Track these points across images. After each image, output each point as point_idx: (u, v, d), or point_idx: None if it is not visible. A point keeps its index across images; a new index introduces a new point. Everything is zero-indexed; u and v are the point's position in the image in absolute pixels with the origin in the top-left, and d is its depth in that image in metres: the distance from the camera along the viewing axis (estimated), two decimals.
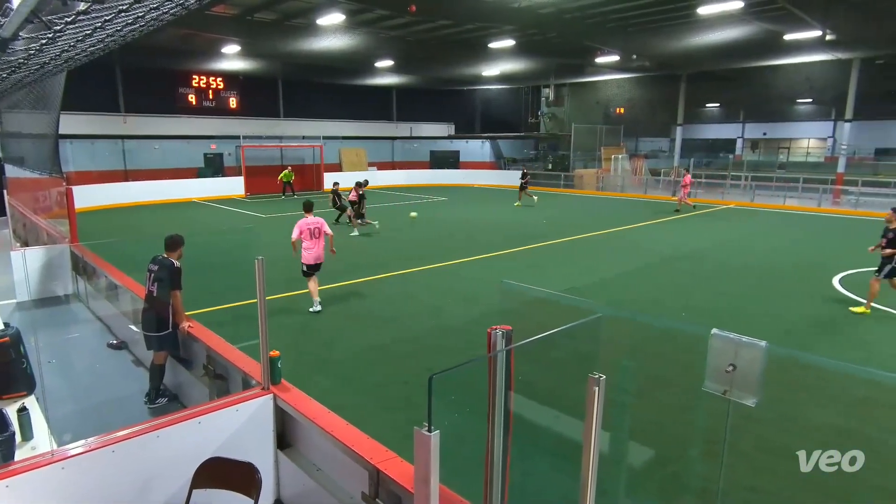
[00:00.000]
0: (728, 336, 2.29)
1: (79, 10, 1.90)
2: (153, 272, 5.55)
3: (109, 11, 1.99)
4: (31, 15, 2.01)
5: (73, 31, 2.33)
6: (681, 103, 30.24)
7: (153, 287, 5.53)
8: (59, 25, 2.12)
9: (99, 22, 2.18)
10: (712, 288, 10.35)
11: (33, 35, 2.44)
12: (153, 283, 5.53)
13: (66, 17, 2.04)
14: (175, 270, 5.51)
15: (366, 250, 13.80)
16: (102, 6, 1.85)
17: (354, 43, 22.30)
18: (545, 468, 4.46)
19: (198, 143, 27.02)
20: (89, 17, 2.03)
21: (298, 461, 3.78)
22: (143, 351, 6.11)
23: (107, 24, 2.25)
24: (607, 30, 22.02)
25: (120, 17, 2.10)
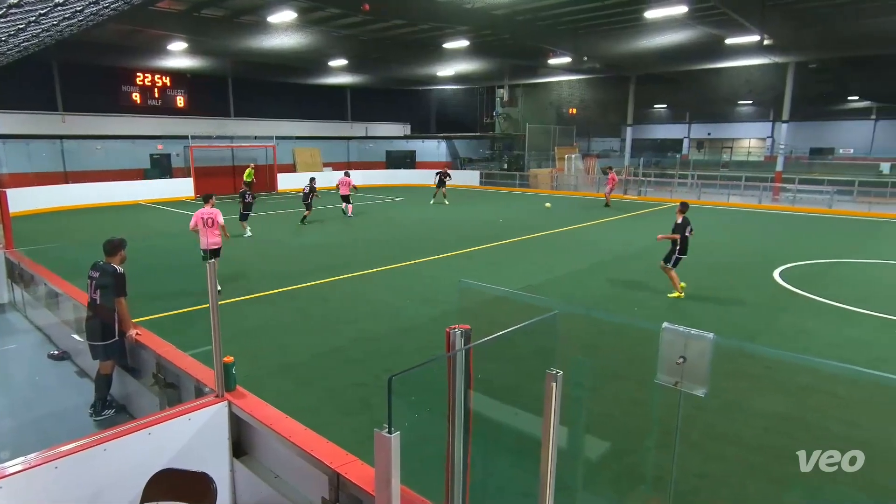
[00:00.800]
0: (678, 329, 2.37)
1: (10, 3, 1.79)
2: (94, 279, 5.31)
3: (45, 5, 1.89)
4: None
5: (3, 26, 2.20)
6: (630, 104, 31.11)
7: (96, 294, 5.28)
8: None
9: (33, 16, 2.07)
10: (662, 283, 10.70)
11: None
12: (95, 291, 5.28)
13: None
14: (118, 276, 5.26)
15: (323, 252, 13.61)
16: None
17: (307, 41, 21.96)
18: (505, 465, 4.51)
19: (144, 143, 26.00)
20: (22, 10, 1.92)
21: (255, 469, 3.69)
22: (87, 361, 5.84)
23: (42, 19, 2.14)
24: (559, 32, 22.46)
25: (56, 12, 2.00)
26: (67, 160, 23.83)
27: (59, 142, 23.63)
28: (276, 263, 12.33)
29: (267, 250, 13.88)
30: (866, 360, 6.92)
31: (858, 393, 6.02)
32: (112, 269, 5.29)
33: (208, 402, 3.75)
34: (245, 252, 13.58)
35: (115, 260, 5.35)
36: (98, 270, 5.31)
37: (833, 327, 8.08)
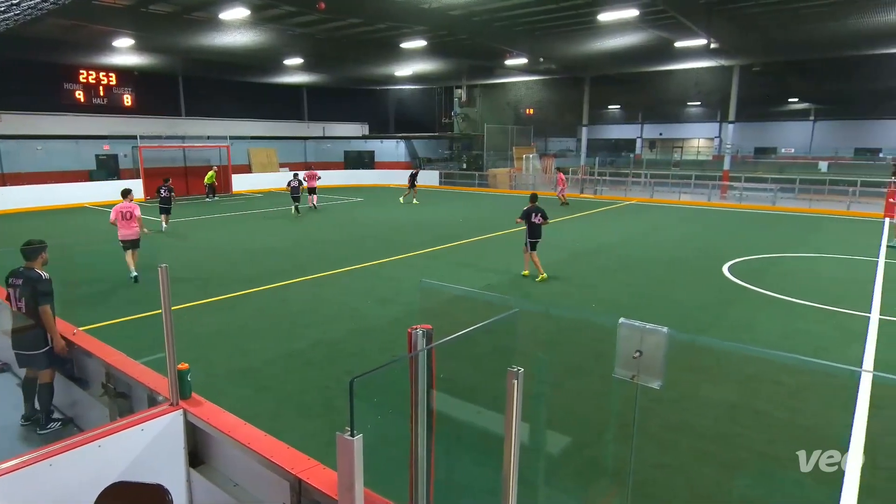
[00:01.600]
0: (634, 324, 2.43)
1: None
2: (17, 287, 4.93)
3: None
4: None
5: None
6: (585, 105, 31.77)
7: (20, 304, 4.93)
8: None
9: None
10: (617, 280, 10.97)
11: None
12: (20, 300, 4.92)
13: None
14: (43, 282, 4.92)
15: (282, 254, 13.35)
16: None
17: (261, 39, 21.50)
18: (469, 463, 4.53)
19: (89, 143, 24.92)
20: None
21: (213, 478, 3.59)
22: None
23: None
24: (515, 33, 22.72)
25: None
26: (5, 161, 22.61)
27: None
28: (234, 266, 12.03)
29: (223, 253, 13.53)
30: (810, 348, 7.28)
31: (803, 380, 6.33)
32: (36, 274, 4.95)
33: (162, 410, 3.63)
34: (201, 255, 13.20)
35: (37, 264, 5.03)
36: (20, 277, 4.95)
37: (779, 319, 8.46)
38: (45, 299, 4.90)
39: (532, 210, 10.89)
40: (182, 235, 15.95)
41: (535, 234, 10.87)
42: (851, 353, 7.10)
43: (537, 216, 10.85)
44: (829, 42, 22.17)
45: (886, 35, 20.52)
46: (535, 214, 10.85)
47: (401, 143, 35.95)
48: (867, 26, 19.49)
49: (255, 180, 29.78)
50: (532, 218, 10.84)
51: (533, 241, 10.88)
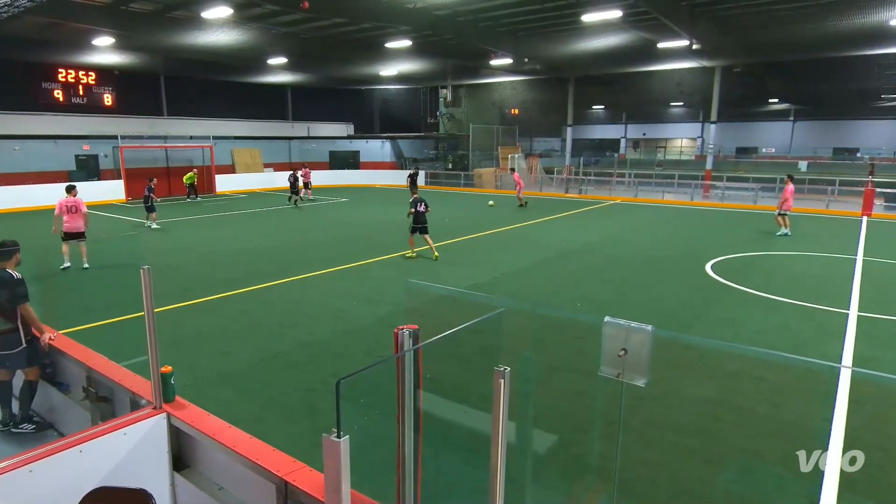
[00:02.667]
0: (619, 322, 2.45)
1: None
2: None
3: None
4: None
5: None
6: (570, 105, 31.97)
7: None
8: None
9: None
10: (602, 278, 11.06)
11: None
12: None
13: None
14: (17, 282, 4.91)
15: (265, 255, 13.25)
16: None
17: (244, 38, 21.32)
18: (456, 463, 4.54)
19: (68, 143, 24.50)
20: None
21: (198, 482, 3.55)
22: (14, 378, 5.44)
23: None
24: (499, 33, 22.79)
25: None
26: None
27: None
28: (216, 268, 11.91)
29: (206, 254, 13.39)
30: (791, 345, 7.40)
31: (784, 376, 6.43)
32: (9, 275, 4.91)
33: (145, 414, 3.58)
34: (184, 256, 13.05)
35: (11, 265, 5.00)
36: None
37: (760, 316, 8.59)
38: (22, 299, 4.87)
39: (417, 200, 12.53)
40: (163, 237, 15.76)
41: (420, 220, 12.41)
42: (830, 349, 7.23)
43: (421, 205, 12.46)
44: (808, 43, 22.56)
45: (864, 37, 20.95)
46: (420, 204, 12.45)
47: (386, 143, 35.86)
48: (845, 28, 19.87)
49: (240, 181, 29.51)
50: (418, 207, 12.40)
51: (419, 226, 12.40)
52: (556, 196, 27.15)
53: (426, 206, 12.53)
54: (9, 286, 4.84)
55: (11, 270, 4.94)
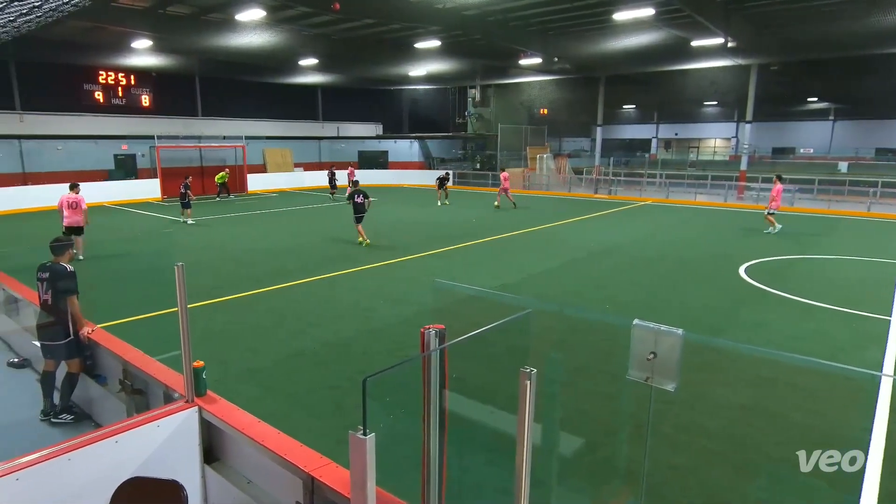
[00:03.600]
0: (648, 326, 2.41)
1: None
2: (45, 280, 5.21)
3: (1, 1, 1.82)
4: None
5: None
6: (600, 105, 31.57)
7: (47, 296, 5.19)
8: None
9: None
10: (631, 280, 10.89)
11: None
12: (47, 292, 5.19)
13: None
14: (70, 275, 5.20)
15: (294, 254, 13.45)
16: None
17: (276, 40, 21.67)
18: (481, 463, 4.53)
19: (107, 143, 25.28)
20: None
21: (228, 475, 3.63)
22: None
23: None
24: (529, 33, 22.65)
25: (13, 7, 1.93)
26: (26, 161, 23.03)
27: (17, 142, 22.81)
28: (246, 266, 12.14)
29: (236, 252, 13.66)
30: (827, 351, 7.16)
31: (820, 383, 6.23)
32: (62, 268, 5.21)
33: (178, 407, 3.68)
34: (214, 254, 13.34)
35: (64, 259, 5.28)
36: (47, 271, 5.21)
37: (795, 321, 8.34)
38: (71, 292, 5.15)
39: (355, 192, 14.12)
40: (195, 235, 16.13)
41: (359, 210, 14.00)
42: (870, 356, 6.98)
43: (359, 197, 13.98)
44: (850, 40, 21.80)
45: None
46: (357, 196, 13.99)
47: (414, 143, 36.00)
48: (888, 24, 19.14)
49: (271, 180, 30.02)
50: (356, 199, 13.97)
51: (358, 215, 13.98)
52: (585, 197, 26.86)
53: (364, 197, 14.06)
54: (61, 278, 5.11)
55: (65, 264, 5.22)
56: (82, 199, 12.60)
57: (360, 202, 13.91)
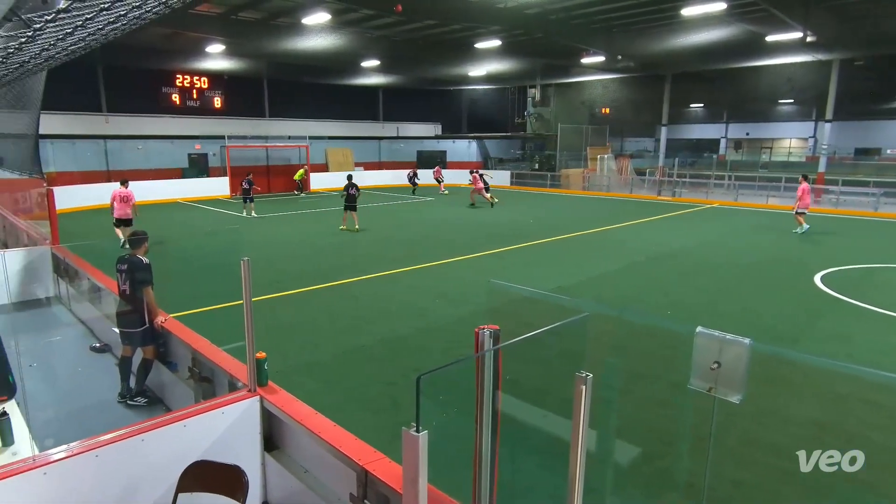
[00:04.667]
0: (713, 334, 2.31)
1: (59, 7, 1.87)
2: (123, 271, 5.59)
3: (91, 10, 1.96)
4: (10, 13, 1.98)
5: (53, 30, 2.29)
6: (665, 103, 30.53)
7: (125, 286, 5.56)
8: (39, 24, 2.09)
9: (80, 20, 2.15)
10: (695, 285, 10.47)
11: (12, 33, 2.39)
12: (125, 282, 5.56)
13: (47, 16, 2.01)
14: (145, 267, 5.56)
15: (352, 251, 13.75)
16: (83, 4, 1.83)
17: (340, 42, 22.22)
18: (533, 466, 4.48)
19: (182, 143, 26.72)
20: (70, 15, 2.00)
21: (286, 463, 3.75)
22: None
23: (88, 23, 2.22)
24: (592, 31, 22.19)
25: (101, 16, 2.07)
26: (110, 159, 24.67)
27: (103, 142, 24.48)
28: (307, 262, 12.52)
29: (298, 248, 14.11)
30: None
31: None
32: (139, 260, 5.58)
33: (241, 396, 3.84)
34: (277, 250, 13.83)
35: (140, 252, 5.65)
36: (126, 263, 5.58)
37: (876, 334, 7.77)
38: (147, 282, 5.50)
39: (349, 186, 16.52)
40: (259, 231, 16.78)
41: (351, 200, 16.32)
42: None
43: (353, 189, 16.43)
44: None
45: None
46: (351, 188, 16.43)
47: (473, 143, 36.03)
48: None
49: (332, 179, 30.82)
50: (349, 190, 16.43)
51: (350, 205, 16.33)
52: (647, 199, 26.06)
53: (357, 189, 16.51)
54: (138, 270, 5.49)
55: (141, 256, 5.59)
56: (131, 194, 13.89)
57: (353, 193, 16.36)
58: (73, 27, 2.28)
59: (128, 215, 13.77)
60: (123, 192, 13.91)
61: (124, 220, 13.81)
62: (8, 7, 1.90)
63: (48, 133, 21.74)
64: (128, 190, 14.03)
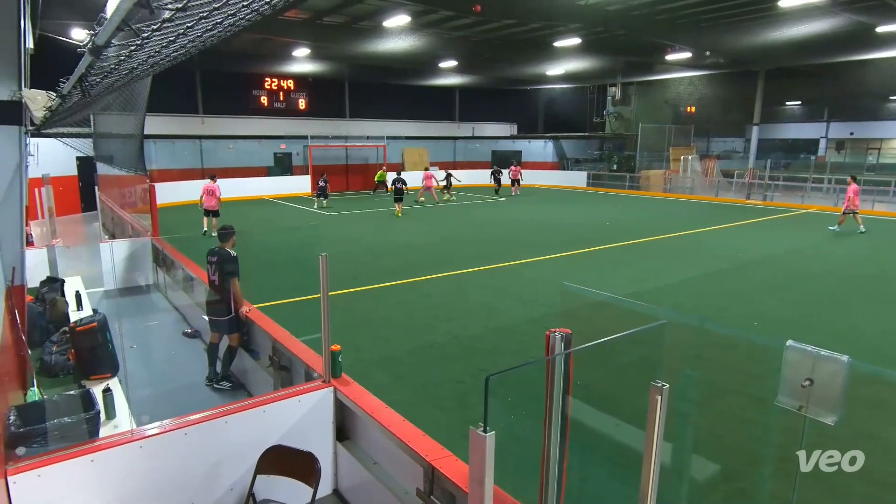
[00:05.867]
0: (805, 349, 2.15)
1: (164, 18, 2.03)
2: (213, 263, 5.95)
3: (191, 19, 2.11)
4: (122, 24, 2.16)
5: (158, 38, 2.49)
6: (758, 101, 28.71)
7: (215, 276, 5.92)
8: (147, 33, 2.27)
9: (182, 29, 2.32)
10: (785, 297, 9.77)
11: (123, 42, 2.62)
12: (215, 273, 5.93)
13: (153, 25, 2.18)
14: (233, 259, 5.88)
15: (425, 250, 13.93)
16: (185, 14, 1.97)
17: (419, 44, 22.56)
18: (603, 476, 4.36)
19: (268, 142, 28.17)
20: (173, 24, 2.16)
21: (356, 454, 3.86)
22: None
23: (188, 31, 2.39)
24: (678, 26, 21.20)
25: (200, 24, 2.22)
26: (205, 158, 26.43)
27: (199, 141, 26.27)
28: (381, 258, 12.81)
29: (373, 246, 14.47)
30: None
31: None
32: (227, 253, 5.93)
33: (316, 386, 3.99)
34: (352, 246, 14.26)
35: (229, 245, 6.00)
36: (216, 255, 5.94)
37: None
38: (234, 274, 5.83)
39: (396, 180, 19.77)
40: (335, 227, 17.36)
41: (399, 193, 19.46)
42: None
43: (400, 183, 19.52)
44: None
45: None
46: (398, 182, 19.59)
47: (549, 143, 35.50)
48: None
49: (408, 178, 31.39)
50: (396, 184, 19.58)
51: (398, 197, 19.49)
52: (734, 202, 24.64)
53: (404, 183, 19.60)
54: (227, 262, 5.85)
55: (229, 249, 5.97)
56: (217, 188, 15.81)
57: (400, 187, 19.40)
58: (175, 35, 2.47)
59: (214, 206, 15.66)
60: (211, 185, 15.76)
61: (212, 210, 15.67)
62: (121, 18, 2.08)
63: (151, 133, 23.57)
64: (215, 184, 15.88)
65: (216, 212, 15.72)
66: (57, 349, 5.80)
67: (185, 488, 3.45)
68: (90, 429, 3.79)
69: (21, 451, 3.26)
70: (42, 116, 5.16)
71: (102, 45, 2.68)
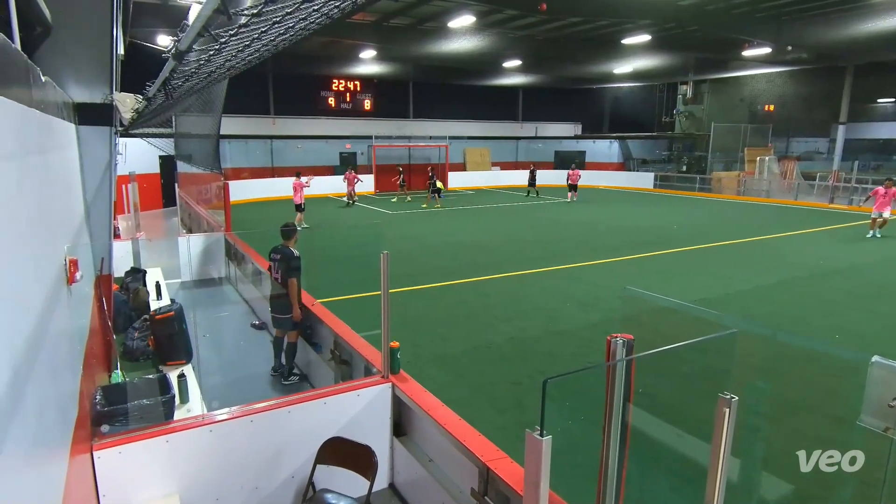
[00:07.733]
0: (893, 365, 2.00)
1: (240, 23, 2.13)
2: (276, 261, 6.06)
3: (265, 24, 2.21)
4: (203, 30, 2.29)
5: (235, 43, 2.62)
6: (845, 99, 26.81)
7: (277, 274, 6.05)
8: (224, 38, 2.39)
9: (256, 33, 2.43)
10: (871, 309, 9.08)
11: (203, 47, 2.77)
12: (277, 271, 6.05)
13: (230, 31, 2.30)
14: (295, 258, 5.93)
15: (485, 249, 13.92)
16: (260, 19, 2.06)
17: (483, 44, 22.55)
18: (665, 488, 4.21)
19: (335, 142, 28.99)
20: (249, 29, 2.27)
21: (412, 450, 3.91)
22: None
23: (263, 35, 2.51)
24: (757, 20, 20.12)
25: (273, 29, 2.32)
26: (275, 157, 27.53)
27: (270, 141, 27.40)
28: (442, 258, 12.90)
29: (433, 245, 14.60)
30: None
31: None
32: (289, 252, 6.00)
33: (375, 381, 4.07)
34: (413, 245, 14.44)
35: (291, 243, 6.09)
36: (279, 253, 6.06)
37: None
38: (294, 273, 5.95)
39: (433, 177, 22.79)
40: (397, 226, 17.63)
41: (435, 188, 22.37)
42: None
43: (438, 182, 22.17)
44: None
45: None
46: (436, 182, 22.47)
47: (614, 143, 34.61)
48: None
49: (469, 178, 31.47)
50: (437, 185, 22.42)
51: (434, 191, 22.44)
52: (816, 206, 23.15)
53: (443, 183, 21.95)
54: (289, 260, 5.98)
55: (292, 247, 6.10)
56: (297, 184, 17.22)
57: (440, 187, 22.50)
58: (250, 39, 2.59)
59: (301, 201, 17.21)
60: (299, 182, 17.23)
61: (297, 205, 17.16)
62: (202, 24, 2.20)
63: (226, 133, 24.76)
64: (298, 180, 17.24)
65: (299, 206, 17.00)
66: (138, 335, 6.22)
67: (250, 473, 3.61)
68: (166, 411, 4.03)
69: (105, 428, 3.52)
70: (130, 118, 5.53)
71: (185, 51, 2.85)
